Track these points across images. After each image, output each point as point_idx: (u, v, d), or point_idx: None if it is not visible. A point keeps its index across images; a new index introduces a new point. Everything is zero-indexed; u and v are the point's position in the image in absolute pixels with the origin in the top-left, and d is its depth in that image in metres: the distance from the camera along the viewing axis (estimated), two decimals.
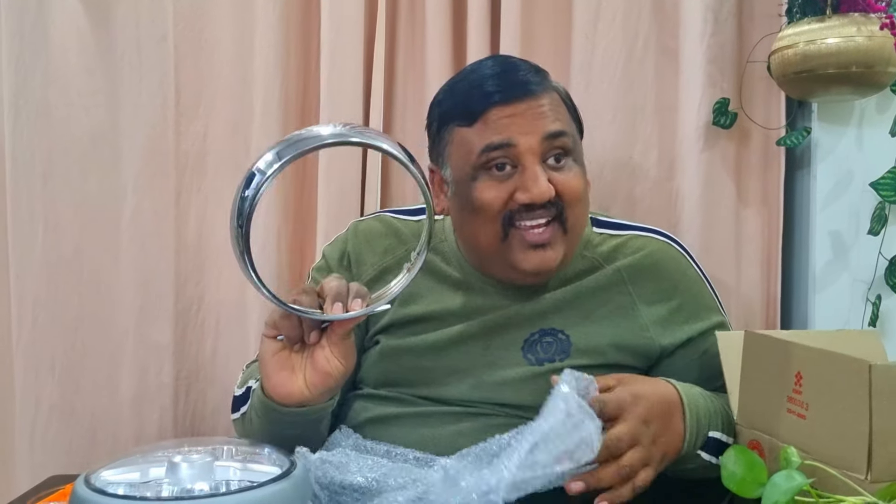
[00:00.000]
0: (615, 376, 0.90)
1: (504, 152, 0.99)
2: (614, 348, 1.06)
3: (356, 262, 1.15)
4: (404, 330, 1.11)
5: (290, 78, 1.43)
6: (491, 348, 1.07)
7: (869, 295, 1.32)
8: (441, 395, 1.07)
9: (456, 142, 1.04)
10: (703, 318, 1.08)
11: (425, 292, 1.11)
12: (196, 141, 1.45)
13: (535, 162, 0.99)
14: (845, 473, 0.75)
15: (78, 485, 0.68)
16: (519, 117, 1.00)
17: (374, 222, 1.18)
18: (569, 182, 1.01)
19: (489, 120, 1.00)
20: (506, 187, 1.00)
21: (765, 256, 1.39)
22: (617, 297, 1.07)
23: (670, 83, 1.38)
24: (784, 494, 0.71)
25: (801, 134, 1.33)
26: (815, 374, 0.80)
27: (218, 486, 0.70)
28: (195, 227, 1.45)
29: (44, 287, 1.40)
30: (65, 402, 1.41)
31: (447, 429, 1.05)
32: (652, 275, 1.08)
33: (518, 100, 1.00)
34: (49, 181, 1.41)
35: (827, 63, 1.19)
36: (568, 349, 1.06)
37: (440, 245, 1.14)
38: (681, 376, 0.99)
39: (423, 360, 1.09)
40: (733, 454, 0.80)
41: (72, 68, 1.41)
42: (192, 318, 1.45)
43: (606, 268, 1.08)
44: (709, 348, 1.05)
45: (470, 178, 1.02)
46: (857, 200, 1.33)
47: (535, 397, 1.03)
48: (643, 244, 1.10)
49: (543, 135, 0.99)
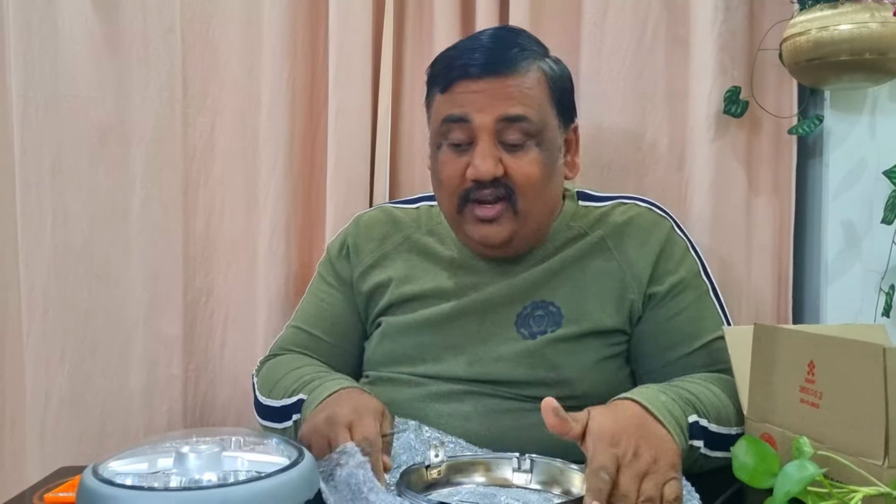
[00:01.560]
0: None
1: (460, 127, 1.04)
2: (602, 313, 1.08)
3: (355, 252, 1.19)
4: (403, 308, 1.14)
5: (297, 69, 1.43)
6: (485, 324, 1.10)
7: (882, 285, 1.31)
8: (440, 373, 1.09)
9: (434, 107, 1.09)
10: (683, 268, 1.10)
11: (421, 273, 1.14)
12: (204, 133, 1.45)
13: (488, 140, 1.02)
14: (861, 461, 0.74)
15: (86, 475, 0.67)
16: (480, 94, 1.02)
17: (376, 212, 1.23)
18: (521, 167, 1.03)
19: (455, 92, 1.04)
20: (461, 162, 1.04)
21: (776, 246, 1.38)
22: (603, 263, 1.10)
23: (680, 71, 1.37)
24: (796, 484, 0.70)
25: (814, 122, 1.31)
26: (829, 362, 0.80)
27: (226, 476, 0.70)
28: (203, 218, 1.45)
29: (53, 279, 1.41)
30: (74, 394, 1.42)
31: (451, 408, 1.06)
32: (634, 237, 1.11)
33: (485, 77, 1.03)
34: (58, 174, 1.41)
35: (840, 50, 1.17)
36: (559, 320, 1.08)
37: (436, 227, 1.17)
38: (662, 333, 1.06)
39: (421, 336, 1.11)
40: (745, 444, 0.80)
41: (80, 61, 1.41)
42: (200, 310, 1.45)
43: (591, 235, 1.11)
44: (687, 306, 1.08)
45: (436, 146, 1.08)
46: (870, 189, 1.32)
47: (530, 372, 1.06)
48: (626, 210, 1.14)
49: (500, 116, 1.02)
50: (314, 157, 1.47)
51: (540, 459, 0.87)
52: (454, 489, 0.86)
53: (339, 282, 1.20)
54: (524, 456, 0.88)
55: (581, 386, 1.06)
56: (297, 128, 1.44)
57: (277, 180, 1.42)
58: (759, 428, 0.89)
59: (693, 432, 0.90)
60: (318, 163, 1.46)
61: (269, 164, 1.42)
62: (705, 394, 0.96)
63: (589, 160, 1.38)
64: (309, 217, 1.47)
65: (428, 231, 1.18)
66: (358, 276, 1.18)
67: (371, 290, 1.17)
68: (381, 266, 1.17)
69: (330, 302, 1.20)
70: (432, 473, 0.86)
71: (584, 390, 1.06)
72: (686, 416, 0.90)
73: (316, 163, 1.47)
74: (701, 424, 0.91)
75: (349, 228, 1.23)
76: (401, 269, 1.15)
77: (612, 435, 0.80)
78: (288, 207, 1.43)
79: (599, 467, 0.76)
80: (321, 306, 1.20)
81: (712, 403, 0.95)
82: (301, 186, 1.45)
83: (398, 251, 1.17)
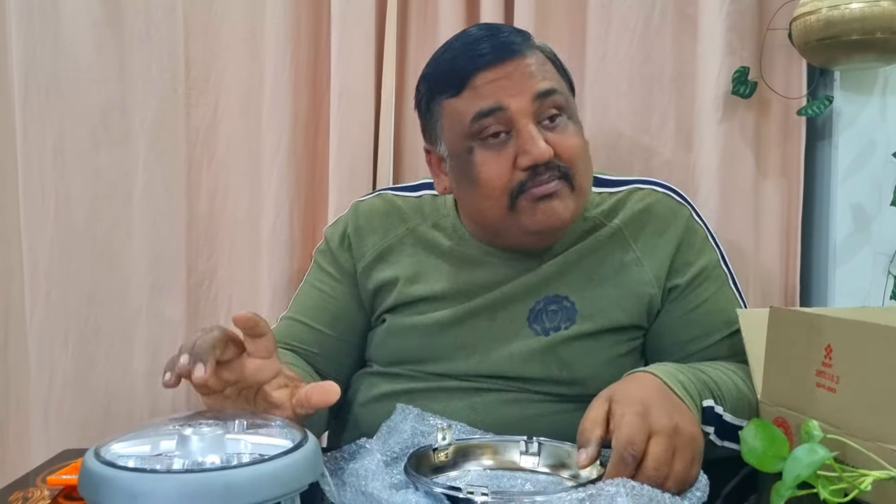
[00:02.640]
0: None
1: (496, 118, 0.97)
2: (619, 308, 1.04)
3: (357, 244, 1.14)
4: (410, 309, 1.09)
5: (300, 50, 1.41)
6: (497, 321, 1.06)
7: (891, 268, 1.30)
8: (449, 371, 1.06)
9: (447, 115, 1.01)
10: (703, 257, 1.07)
11: (429, 270, 1.10)
12: (207, 114, 1.44)
13: (529, 123, 0.96)
14: (880, 446, 0.73)
15: (88, 457, 0.67)
16: (506, 79, 0.97)
17: (376, 200, 1.16)
18: (566, 141, 0.98)
19: (476, 86, 0.98)
20: (505, 156, 0.97)
21: (784, 229, 1.37)
22: (619, 255, 1.06)
23: (688, 51, 1.35)
24: (806, 468, 0.69)
25: (823, 103, 1.29)
26: (847, 345, 0.78)
27: (229, 458, 0.69)
28: (206, 201, 1.45)
29: (56, 261, 1.40)
30: (79, 377, 1.42)
31: (459, 403, 1.04)
32: (653, 227, 1.06)
33: (503, 62, 0.97)
34: (60, 155, 1.40)
35: (851, 29, 1.16)
36: (573, 316, 1.04)
37: (442, 221, 1.12)
38: (683, 326, 1.03)
39: (429, 338, 1.08)
40: (753, 428, 0.79)
41: (81, 41, 1.40)
42: (203, 293, 1.45)
43: (607, 225, 1.07)
44: (709, 298, 1.05)
45: (466, 152, 0.99)
46: (880, 171, 1.31)
47: (543, 370, 1.03)
48: (642, 196, 1.09)
49: (534, 94, 0.97)
50: (317, 139, 1.46)
51: (548, 443, 0.87)
52: (462, 472, 0.86)
53: (342, 273, 1.15)
54: (532, 439, 0.87)
55: (594, 384, 1.00)
56: (300, 110, 1.43)
57: (281, 163, 1.41)
58: (773, 412, 0.88)
59: (706, 417, 0.87)
60: (321, 145, 1.45)
61: (272, 147, 1.41)
62: (725, 382, 0.93)
63: (596, 142, 1.36)
64: (313, 199, 1.46)
65: (434, 224, 1.12)
66: (362, 269, 1.13)
67: (377, 287, 1.12)
68: (386, 261, 1.12)
69: (332, 294, 1.14)
70: (440, 456, 0.86)
71: (597, 388, 1.02)
72: (702, 398, 0.87)
73: (319, 145, 1.45)
74: (716, 411, 0.88)
75: (348, 216, 1.17)
76: (407, 267, 1.10)
77: (643, 401, 0.77)
78: (292, 190, 1.42)
79: (628, 442, 0.73)
80: (322, 298, 1.15)
81: (730, 392, 0.92)
82: (304, 169, 1.44)
83: (403, 244, 1.12)
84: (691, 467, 0.76)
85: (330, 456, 0.85)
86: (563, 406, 1.03)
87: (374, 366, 1.13)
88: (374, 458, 0.82)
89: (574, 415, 1.02)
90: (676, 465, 0.75)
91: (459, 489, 0.72)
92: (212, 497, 0.62)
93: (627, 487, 0.69)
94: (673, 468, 0.74)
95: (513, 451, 0.88)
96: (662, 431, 0.75)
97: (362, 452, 0.85)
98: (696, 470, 0.76)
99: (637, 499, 0.69)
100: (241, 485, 0.63)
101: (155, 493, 0.62)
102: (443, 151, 1.04)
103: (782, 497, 0.69)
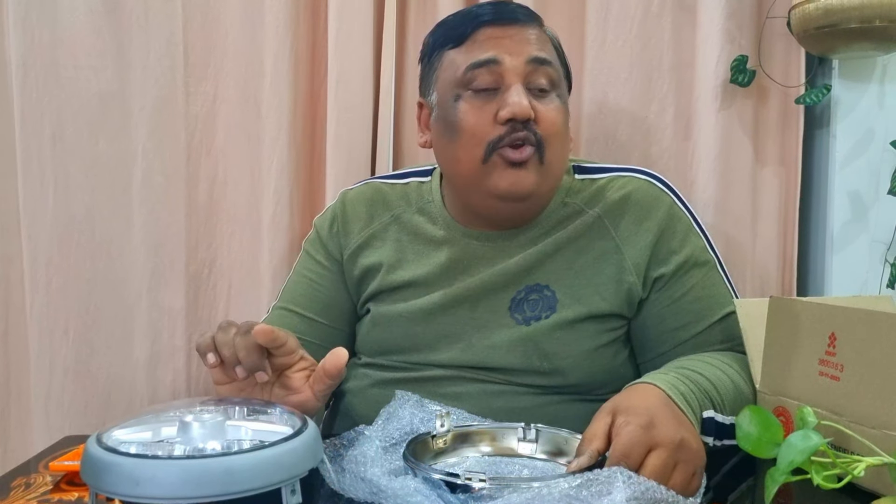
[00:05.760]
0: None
1: (488, 70, 1.01)
2: (599, 297, 1.05)
3: (344, 232, 1.16)
4: (392, 296, 1.11)
5: (299, 36, 1.41)
6: (479, 310, 1.07)
7: (888, 256, 1.31)
8: (433, 360, 1.07)
9: (444, 65, 1.06)
10: (688, 245, 1.06)
11: (411, 256, 1.11)
12: (206, 102, 1.43)
13: (518, 82, 1.00)
14: (886, 433, 0.74)
15: (90, 444, 0.68)
16: (507, 39, 1.02)
17: (363, 188, 1.19)
18: (549, 113, 1.02)
19: (477, 39, 1.02)
20: (488, 110, 1.01)
21: (782, 217, 1.37)
22: (600, 243, 1.06)
23: (687, 40, 1.35)
24: (800, 454, 0.69)
25: (821, 91, 1.30)
26: (851, 333, 0.79)
27: (230, 445, 0.70)
28: (206, 189, 1.45)
29: (56, 250, 1.40)
30: (79, 365, 1.42)
31: (443, 389, 1.05)
32: (634, 215, 1.07)
33: (507, 23, 1.02)
34: (58, 143, 1.40)
35: (850, 17, 1.16)
36: (554, 305, 1.05)
37: (427, 206, 1.14)
38: (671, 314, 1.03)
39: (413, 326, 1.09)
40: (749, 414, 0.79)
41: (79, 29, 1.39)
42: (203, 282, 1.45)
43: (588, 213, 1.07)
44: (696, 284, 1.05)
45: (453, 99, 1.03)
46: (878, 160, 1.31)
47: (524, 360, 1.04)
48: (624, 184, 1.09)
49: (529, 57, 1.01)
50: (315, 126, 1.46)
51: (545, 429, 0.87)
52: (460, 458, 0.86)
53: (331, 261, 1.17)
54: (529, 426, 0.88)
55: (574, 375, 1.04)
56: (300, 97, 1.42)
57: (281, 150, 1.41)
58: (773, 401, 0.89)
59: (705, 428, 0.86)
60: (320, 133, 1.45)
61: (272, 134, 1.41)
62: (723, 382, 0.92)
63: (594, 130, 1.37)
64: (312, 187, 1.46)
65: (418, 209, 1.14)
66: (348, 256, 1.15)
67: (362, 273, 1.14)
68: (371, 247, 1.13)
69: (322, 283, 1.16)
70: (438, 443, 0.87)
71: (578, 379, 1.04)
72: (702, 409, 0.86)
73: (318, 133, 1.45)
74: (716, 420, 0.87)
75: (336, 205, 1.19)
76: (391, 252, 1.12)
77: (648, 414, 0.76)
78: (292, 177, 1.42)
79: (623, 455, 0.72)
80: (312, 287, 1.17)
81: (728, 392, 0.91)
82: (304, 156, 1.44)
83: (387, 231, 1.13)
84: (691, 480, 0.75)
85: (329, 442, 0.86)
86: (548, 399, 1.04)
87: (362, 357, 1.15)
88: (372, 444, 0.83)
89: (558, 408, 1.04)
90: (676, 477, 0.73)
91: (457, 475, 0.72)
92: (213, 483, 0.63)
93: (624, 475, 0.70)
94: (671, 481, 0.73)
95: (511, 437, 0.88)
96: (665, 445, 0.74)
97: (361, 439, 0.86)
98: (696, 483, 0.75)
99: (634, 486, 0.69)
100: (242, 471, 0.64)
101: (156, 478, 0.63)
102: (433, 102, 1.08)
103: (777, 482, 0.69)
